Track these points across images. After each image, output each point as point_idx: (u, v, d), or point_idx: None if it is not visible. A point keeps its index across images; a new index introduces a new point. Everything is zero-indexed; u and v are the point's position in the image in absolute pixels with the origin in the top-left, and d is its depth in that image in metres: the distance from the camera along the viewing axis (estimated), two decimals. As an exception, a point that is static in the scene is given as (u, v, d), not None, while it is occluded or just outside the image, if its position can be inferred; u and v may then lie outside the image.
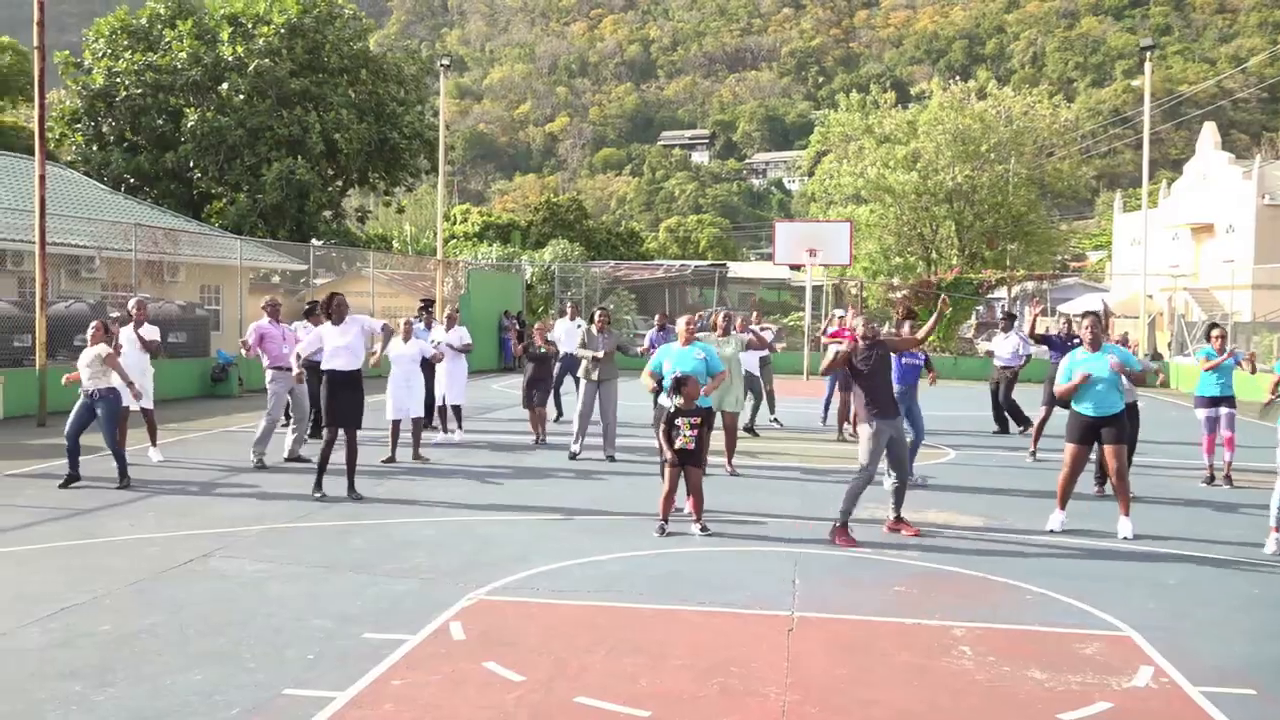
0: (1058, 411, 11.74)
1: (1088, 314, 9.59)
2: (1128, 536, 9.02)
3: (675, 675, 5.58)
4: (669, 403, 9.15)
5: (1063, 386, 9.26)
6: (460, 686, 5.36)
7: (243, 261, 24.43)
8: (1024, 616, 6.78)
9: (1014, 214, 38.61)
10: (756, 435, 15.56)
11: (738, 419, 12.40)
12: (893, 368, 9.86)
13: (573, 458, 13.03)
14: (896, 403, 9.13)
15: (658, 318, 17.52)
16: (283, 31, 36.94)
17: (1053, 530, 9.25)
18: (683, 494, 9.21)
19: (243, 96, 35.79)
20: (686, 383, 9.03)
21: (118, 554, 8.00)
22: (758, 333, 14.33)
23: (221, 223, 34.15)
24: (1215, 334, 12.35)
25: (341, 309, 10.48)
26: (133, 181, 36.80)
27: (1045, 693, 5.45)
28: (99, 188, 31.33)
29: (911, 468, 10.62)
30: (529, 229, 55.34)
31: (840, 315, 16.99)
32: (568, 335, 16.13)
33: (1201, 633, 6.53)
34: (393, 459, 12.71)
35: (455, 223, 55.09)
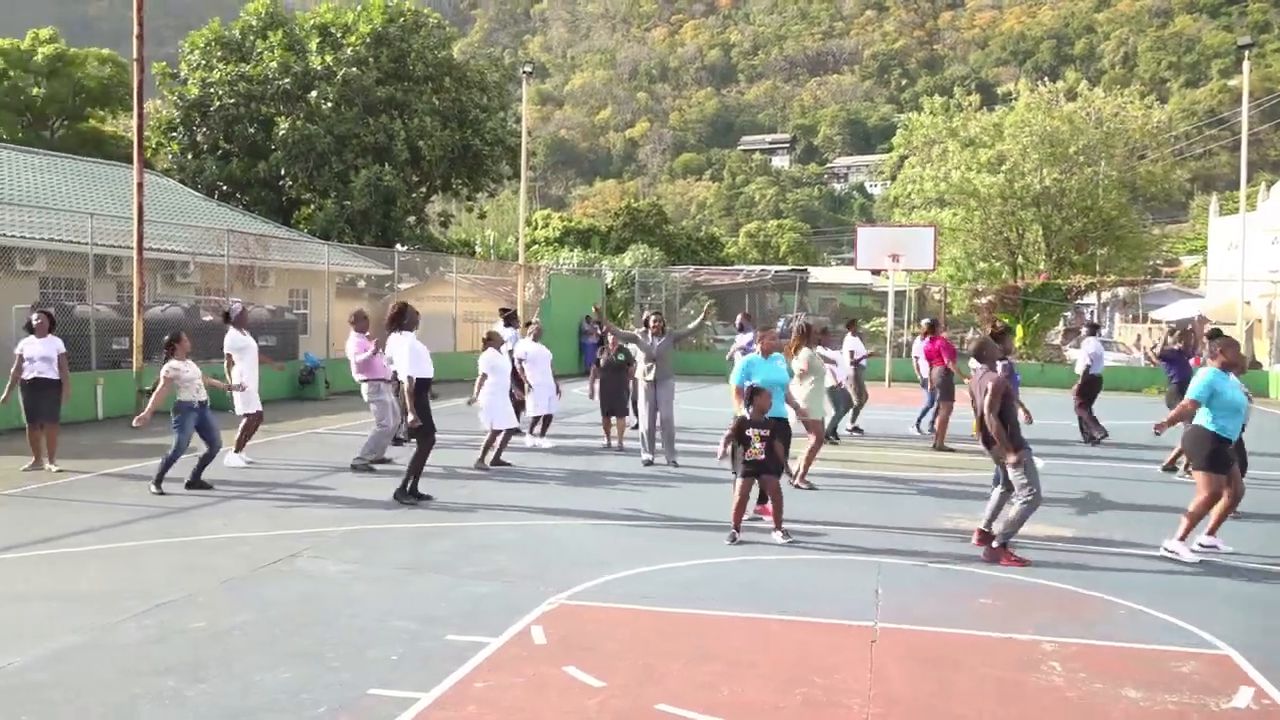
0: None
1: (1217, 334, 9.23)
2: (1223, 549, 8.72)
3: (757, 685, 5.53)
4: (743, 411, 9.10)
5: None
6: (542, 690, 5.38)
7: (330, 266, 24.91)
8: (1117, 633, 6.58)
9: (1104, 218, 37.65)
10: (836, 442, 15.40)
11: (820, 426, 12.22)
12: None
13: (648, 465, 13.01)
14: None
15: (740, 317, 17.42)
16: (369, 41, 37.66)
17: (1185, 559, 8.53)
18: (753, 502, 9.16)
19: (331, 105, 36.58)
20: (759, 394, 9.01)
21: (211, 552, 8.20)
22: (827, 356, 14.13)
23: (310, 228, 34.90)
24: None
25: (414, 319, 10.67)
26: (225, 188, 37.84)
27: (1140, 711, 5.29)
28: (193, 195, 32.21)
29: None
30: (609, 234, 55.55)
31: (929, 324, 16.77)
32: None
33: (1305, 653, 6.28)
34: (497, 462, 12.81)
35: (536, 228, 55.53)
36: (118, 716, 4.98)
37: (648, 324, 13.59)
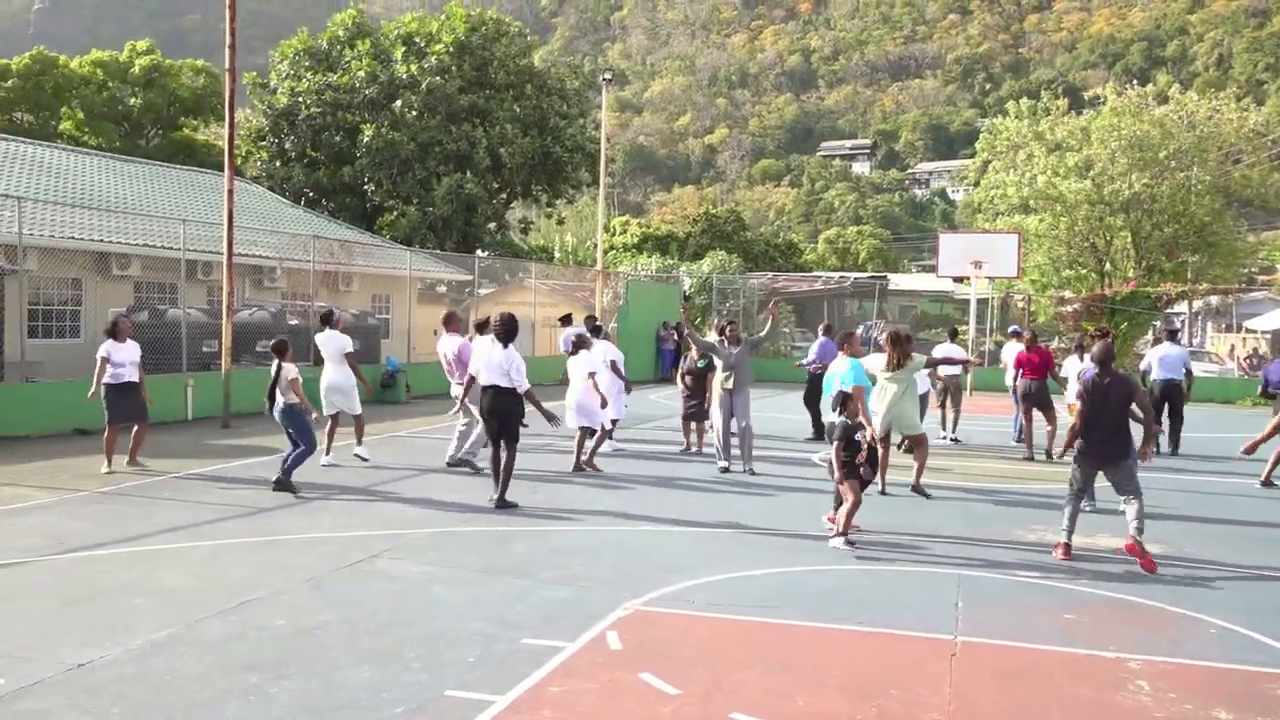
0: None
1: None
2: None
3: (833, 696, 5.47)
4: (837, 419, 9.09)
5: None
6: (617, 696, 5.38)
7: (411, 272, 25.29)
8: (1208, 652, 6.38)
9: (1196, 224, 36.58)
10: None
11: (924, 439, 12.00)
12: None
13: (724, 472, 12.98)
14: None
15: (822, 326, 17.28)
16: (452, 50, 38.19)
17: None
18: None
19: (415, 113, 37.17)
20: (850, 398, 9.13)
21: (294, 552, 8.36)
22: (953, 356, 14.57)
23: (393, 234, 35.50)
24: None
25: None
26: (312, 195, 38.68)
27: (1232, 735, 5.12)
28: (281, 201, 32.95)
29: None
30: (687, 240, 55.56)
31: (1017, 331, 16.48)
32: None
33: None
34: (589, 464, 12.88)
35: (615, 234, 55.76)
36: (204, 712, 5.10)
37: (723, 332, 13.56)
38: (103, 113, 42.33)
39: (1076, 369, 13.62)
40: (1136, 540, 8.37)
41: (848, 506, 8.85)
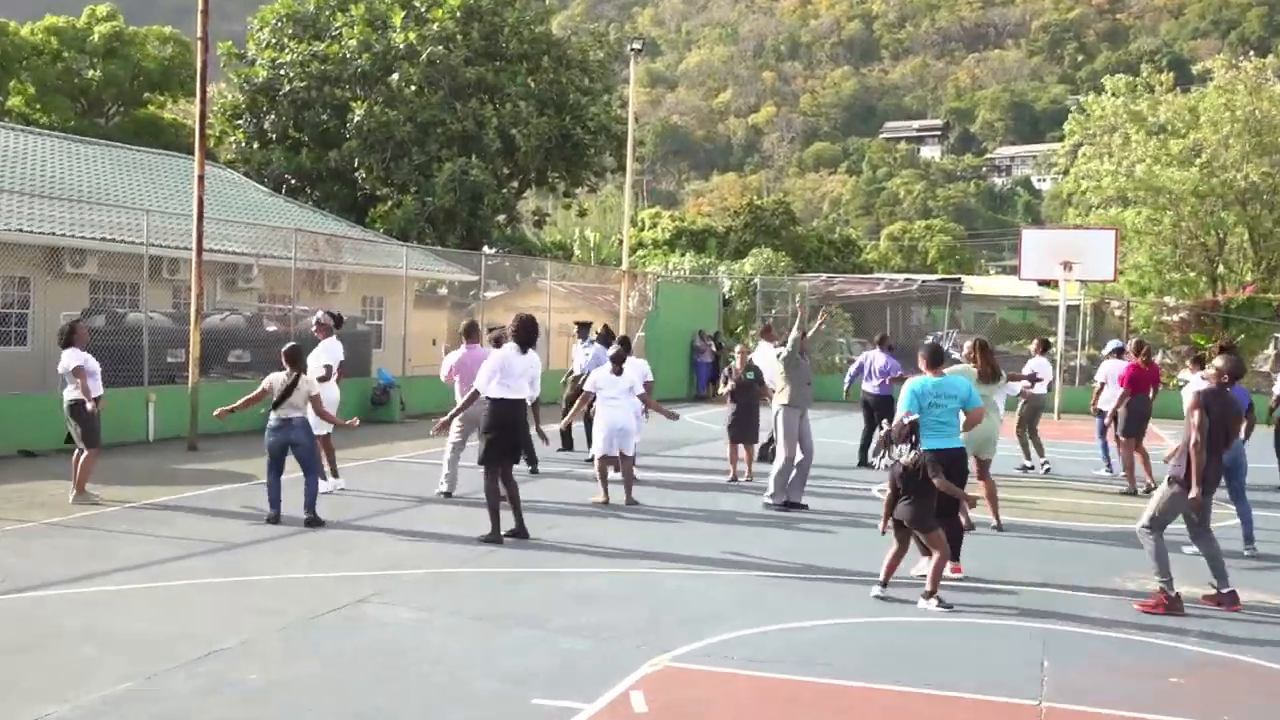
0: None
1: None
2: None
3: (894, 770, 5.43)
4: (904, 454, 8.73)
5: None
6: (641, 767, 5.37)
7: (409, 271, 25.41)
8: (1338, 723, 6.30)
9: (1325, 219, 36.31)
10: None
11: (988, 466, 11.95)
12: None
13: (774, 507, 12.83)
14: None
15: (879, 339, 17.23)
16: (458, 15, 38.34)
17: None
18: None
19: (414, 88, 37.37)
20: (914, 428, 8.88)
21: (268, 594, 8.41)
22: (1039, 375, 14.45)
23: (386, 228, 35.69)
24: None
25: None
26: (294, 182, 38.97)
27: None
28: (258, 189, 33.23)
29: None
30: (728, 236, 55.59)
31: (1120, 348, 16.37)
32: (770, 363, 16.00)
33: None
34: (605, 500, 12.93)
35: (643, 228, 55.88)
36: (164, 777, 5.12)
37: (768, 335, 13.54)
38: (57, 86, 42.86)
39: (1194, 386, 13.45)
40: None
41: (937, 560, 8.63)
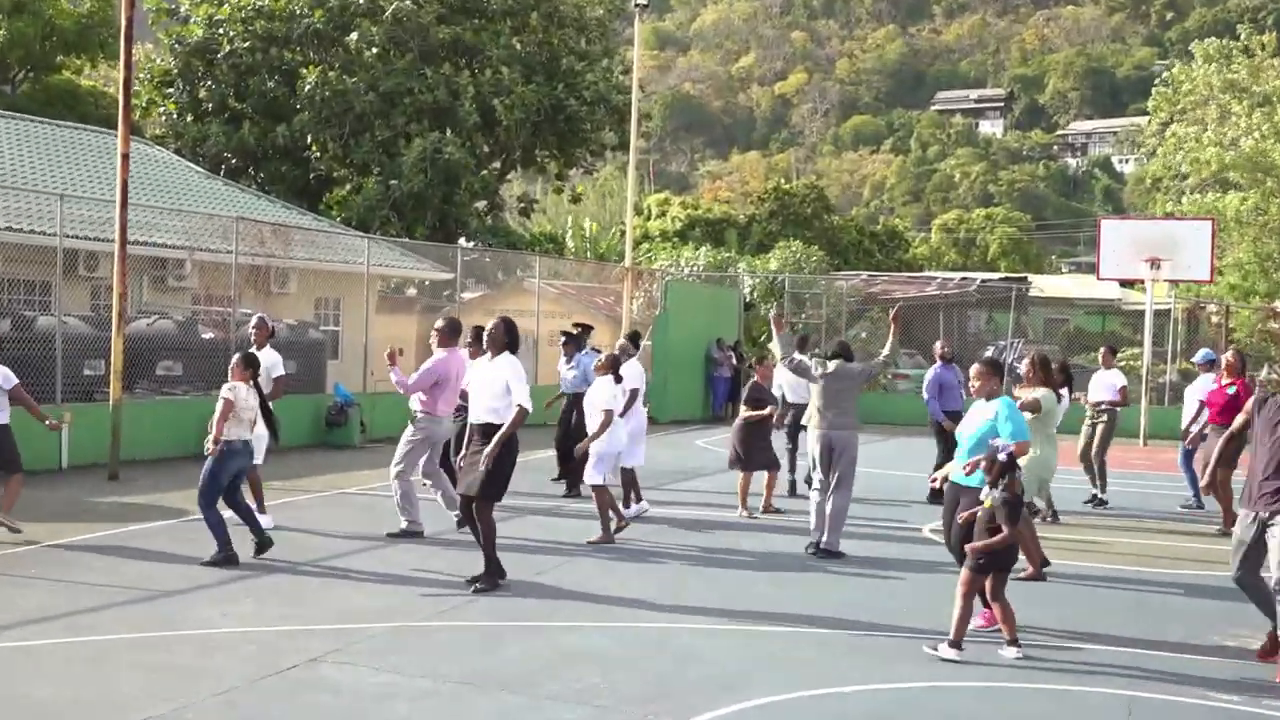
0: None
1: None
2: None
3: None
4: (996, 497, 8.73)
5: None
6: None
7: (370, 268, 25.40)
8: None
9: None
10: (1057, 521, 15.13)
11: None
12: None
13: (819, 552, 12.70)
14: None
15: (940, 348, 17.12)
16: (430, -38, 38.32)
17: None
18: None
19: (376, 50, 37.32)
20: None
21: (206, 652, 8.39)
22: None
23: (344, 216, 35.66)
24: None
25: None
26: (235, 162, 38.94)
27: None
28: (193, 169, 33.22)
29: None
30: (750, 226, 55.65)
31: (1211, 359, 16.39)
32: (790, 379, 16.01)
33: None
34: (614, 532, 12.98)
35: (649, 217, 55.94)
36: None
37: (805, 346, 13.57)
38: (-47, 49, 42.94)
39: None
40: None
41: (1000, 612, 8.91)
